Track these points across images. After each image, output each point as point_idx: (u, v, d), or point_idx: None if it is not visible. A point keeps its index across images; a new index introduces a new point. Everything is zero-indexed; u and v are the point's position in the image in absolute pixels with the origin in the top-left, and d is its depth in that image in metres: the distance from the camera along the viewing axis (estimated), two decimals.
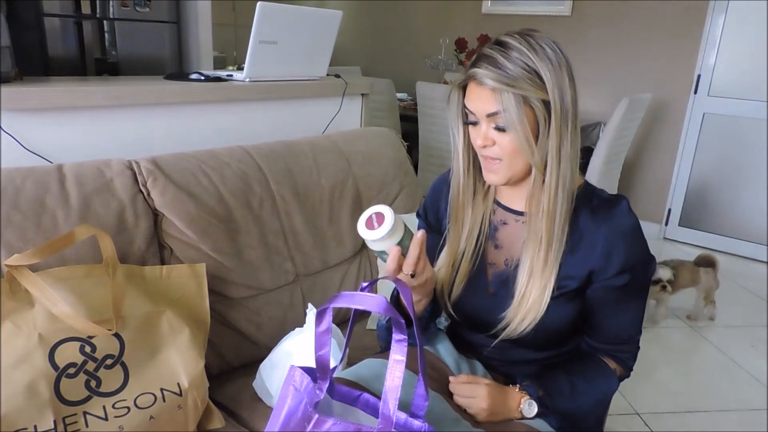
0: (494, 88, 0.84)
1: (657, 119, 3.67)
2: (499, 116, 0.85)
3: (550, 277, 0.90)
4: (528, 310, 0.91)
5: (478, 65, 0.86)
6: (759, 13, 3.23)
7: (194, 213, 1.22)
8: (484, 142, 0.88)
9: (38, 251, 0.93)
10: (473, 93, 0.88)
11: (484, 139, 0.88)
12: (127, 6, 2.88)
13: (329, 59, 1.94)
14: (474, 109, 0.88)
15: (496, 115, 0.85)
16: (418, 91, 3.24)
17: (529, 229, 0.92)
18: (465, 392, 0.95)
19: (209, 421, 1.06)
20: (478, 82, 0.86)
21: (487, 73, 0.84)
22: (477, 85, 0.86)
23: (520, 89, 0.83)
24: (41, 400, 0.86)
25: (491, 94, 0.85)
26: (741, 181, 3.47)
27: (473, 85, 0.88)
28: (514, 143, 0.86)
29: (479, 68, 0.85)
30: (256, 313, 1.32)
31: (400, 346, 0.73)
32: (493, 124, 0.87)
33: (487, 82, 0.84)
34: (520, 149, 0.86)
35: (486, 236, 0.99)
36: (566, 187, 0.88)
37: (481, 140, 0.88)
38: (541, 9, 3.97)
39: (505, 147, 0.87)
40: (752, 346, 2.46)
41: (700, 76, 3.49)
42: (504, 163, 0.89)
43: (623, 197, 0.94)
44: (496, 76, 0.83)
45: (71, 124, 1.37)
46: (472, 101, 0.88)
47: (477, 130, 0.89)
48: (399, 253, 0.82)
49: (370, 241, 0.83)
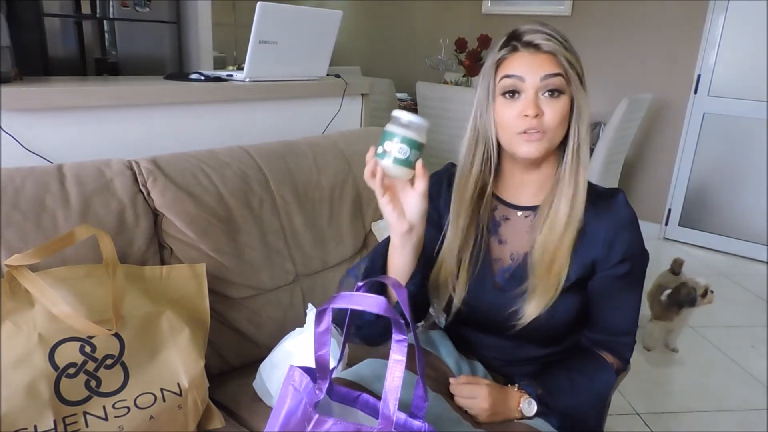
0: (553, 51, 0.85)
1: (657, 119, 3.67)
2: (556, 80, 0.85)
3: (567, 261, 0.91)
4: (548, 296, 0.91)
5: (527, 36, 0.87)
6: (759, 13, 3.24)
7: (194, 213, 1.22)
8: (536, 110, 0.86)
9: (38, 251, 0.93)
10: (523, 60, 0.87)
11: (536, 107, 0.86)
12: (127, 6, 2.88)
13: (329, 59, 1.94)
14: (526, 75, 0.86)
15: (554, 78, 0.86)
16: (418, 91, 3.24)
17: (550, 213, 0.91)
18: (466, 393, 0.95)
19: (209, 421, 1.06)
20: (532, 49, 0.86)
21: (545, 37, 0.86)
22: (531, 52, 0.87)
23: (571, 56, 0.87)
24: (41, 400, 0.86)
25: (550, 58, 0.86)
26: (741, 181, 3.47)
27: (523, 54, 0.87)
28: (564, 111, 0.87)
29: (531, 37, 0.86)
30: (256, 313, 1.32)
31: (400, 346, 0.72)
32: (547, 89, 0.86)
33: (545, 44, 0.85)
34: (565, 118, 0.87)
35: (488, 231, 0.99)
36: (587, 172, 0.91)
37: (532, 109, 0.86)
38: (541, 9, 3.97)
39: (555, 115, 0.86)
40: (752, 346, 2.46)
41: (700, 76, 3.49)
42: (548, 135, 0.88)
43: (620, 190, 0.96)
44: (553, 40, 0.86)
45: (71, 124, 1.37)
46: (524, 67, 0.87)
47: (521, 102, 0.87)
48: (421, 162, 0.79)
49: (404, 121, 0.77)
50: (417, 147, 0.77)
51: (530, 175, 0.95)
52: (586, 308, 0.99)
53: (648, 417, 1.93)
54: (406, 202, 0.82)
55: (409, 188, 0.81)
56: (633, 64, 3.69)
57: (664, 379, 2.20)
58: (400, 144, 0.76)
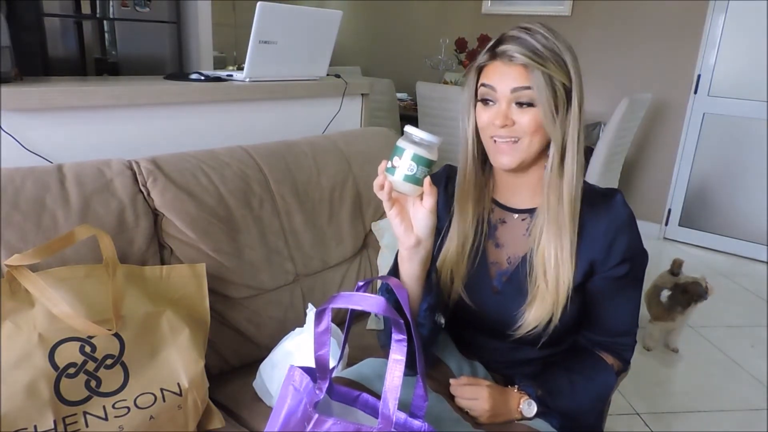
0: (525, 65, 0.84)
1: (657, 119, 3.67)
2: (526, 93, 0.85)
3: (571, 266, 0.90)
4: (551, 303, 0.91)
5: (504, 44, 0.86)
6: (759, 13, 3.23)
7: (194, 213, 1.22)
8: (504, 121, 0.87)
9: (38, 251, 0.93)
10: (498, 69, 0.88)
11: (504, 118, 0.87)
12: (127, 6, 2.88)
13: (329, 59, 1.94)
14: (498, 85, 0.87)
15: (524, 91, 0.86)
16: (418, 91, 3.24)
17: (548, 219, 0.91)
18: (467, 394, 0.95)
19: (209, 421, 1.06)
20: (506, 59, 0.86)
21: (518, 49, 0.85)
22: (505, 63, 0.87)
23: (547, 68, 0.84)
24: (41, 400, 0.85)
25: (521, 71, 0.85)
26: (741, 181, 3.47)
27: (498, 64, 0.88)
28: (537, 121, 0.86)
29: (507, 46, 0.86)
30: (256, 313, 1.32)
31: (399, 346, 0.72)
32: (516, 101, 0.86)
33: (519, 57, 0.85)
34: (540, 127, 0.87)
35: (485, 235, 0.99)
36: (582, 175, 0.90)
37: (500, 119, 0.87)
38: (541, 9, 3.97)
39: (525, 125, 0.87)
40: (752, 346, 2.46)
41: (700, 76, 3.49)
42: (522, 143, 0.88)
43: (617, 190, 0.96)
44: (527, 53, 0.85)
45: (71, 124, 1.37)
46: (496, 77, 0.88)
47: (494, 110, 0.88)
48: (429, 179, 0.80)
49: (415, 138, 0.78)
50: (426, 164, 0.78)
51: (519, 178, 0.96)
52: (585, 309, 0.99)
53: (648, 417, 1.93)
54: (415, 216, 0.83)
55: (418, 203, 0.82)
56: (633, 64, 3.68)
57: (664, 379, 2.20)
58: (409, 161, 0.77)
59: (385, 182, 0.79)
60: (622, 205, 0.94)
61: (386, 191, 0.80)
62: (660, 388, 2.13)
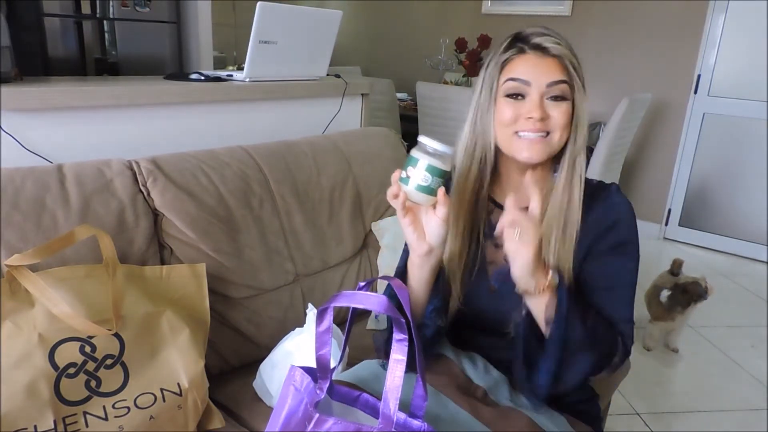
0: (560, 55, 0.85)
1: (657, 119, 3.67)
2: (561, 86, 0.86)
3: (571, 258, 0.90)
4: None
5: (534, 38, 0.87)
6: (759, 13, 3.24)
7: (194, 213, 1.22)
8: (542, 114, 0.86)
9: (38, 251, 0.93)
10: (529, 63, 0.87)
11: (542, 111, 0.86)
12: (127, 6, 2.88)
13: (329, 59, 1.94)
14: (533, 79, 0.86)
15: (560, 85, 0.86)
16: (418, 91, 3.24)
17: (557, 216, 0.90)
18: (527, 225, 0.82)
19: (209, 421, 1.06)
20: (539, 53, 0.86)
21: (552, 40, 0.85)
22: (536, 55, 0.87)
23: (576, 62, 0.87)
24: (41, 400, 0.85)
25: (556, 63, 0.86)
26: (741, 181, 3.47)
27: (530, 56, 0.87)
28: (568, 115, 0.87)
29: (538, 39, 0.86)
30: (256, 313, 1.32)
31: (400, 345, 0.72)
32: (551, 95, 0.86)
33: (554, 48, 0.85)
34: (570, 122, 0.87)
35: (484, 235, 0.99)
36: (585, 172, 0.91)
37: (538, 112, 0.86)
38: (541, 9, 3.97)
39: (559, 119, 0.87)
40: (752, 346, 2.46)
41: (700, 76, 3.49)
42: (552, 137, 0.88)
43: (612, 183, 0.96)
44: (560, 45, 0.86)
45: (71, 124, 1.37)
46: (530, 70, 0.87)
47: (526, 104, 0.87)
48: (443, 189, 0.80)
49: (429, 148, 0.78)
50: (440, 175, 0.79)
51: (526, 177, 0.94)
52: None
53: (648, 417, 1.93)
54: (428, 225, 0.84)
55: (431, 212, 0.83)
56: (633, 64, 3.69)
57: (664, 379, 2.20)
58: (424, 171, 0.78)
59: (400, 192, 0.80)
60: (617, 193, 0.94)
61: (400, 201, 0.81)
62: (660, 388, 2.13)
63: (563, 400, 1.03)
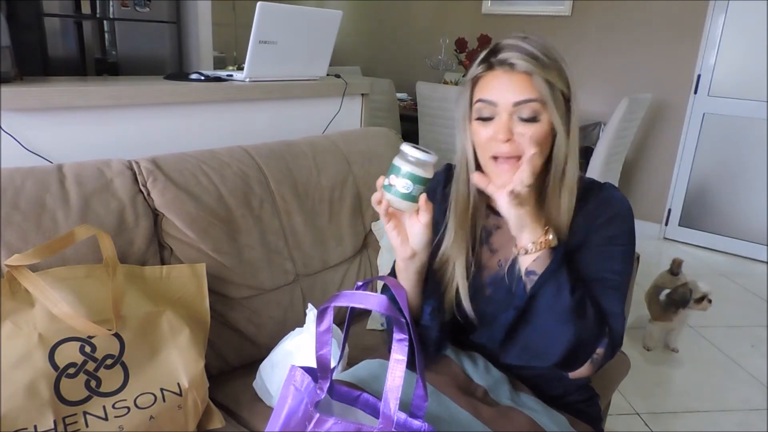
0: (528, 72, 0.80)
1: (657, 119, 3.67)
2: (530, 106, 0.82)
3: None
4: None
5: (502, 53, 0.82)
6: (759, 13, 3.24)
7: (194, 213, 1.22)
8: (507, 135, 0.82)
9: (38, 251, 0.93)
10: (497, 81, 0.83)
11: (507, 131, 0.82)
12: (127, 6, 2.88)
13: (329, 59, 1.94)
14: (499, 99, 0.83)
15: (528, 104, 0.82)
16: (418, 91, 3.24)
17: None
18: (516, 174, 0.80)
19: (209, 421, 1.06)
20: (505, 69, 0.82)
21: (519, 56, 0.81)
22: (504, 72, 0.82)
23: (550, 76, 0.81)
24: (41, 400, 0.85)
25: (523, 80, 0.81)
26: (741, 181, 3.47)
27: (497, 73, 0.83)
28: (541, 135, 0.83)
29: (506, 54, 0.82)
30: (256, 313, 1.32)
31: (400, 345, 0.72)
32: (519, 116, 0.82)
33: (521, 64, 0.80)
34: (544, 141, 0.84)
35: (481, 241, 0.98)
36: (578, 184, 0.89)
37: (503, 133, 0.82)
38: (541, 9, 3.97)
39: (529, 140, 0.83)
40: (752, 346, 2.46)
41: (700, 76, 3.49)
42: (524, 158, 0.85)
43: (606, 182, 0.95)
44: (529, 59, 0.80)
45: (71, 124, 1.37)
46: (494, 90, 0.83)
47: (494, 125, 0.84)
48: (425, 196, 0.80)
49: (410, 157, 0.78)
50: (421, 182, 0.80)
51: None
52: None
53: (648, 417, 1.93)
54: (411, 231, 0.85)
55: (414, 218, 0.83)
56: (633, 64, 3.69)
57: (664, 379, 2.20)
58: (405, 179, 0.79)
59: (383, 198, 0.81)
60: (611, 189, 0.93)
61: (383, 207, 0.82)
62: (660, 388, 2.13)
63: (563, 400, 1.03)
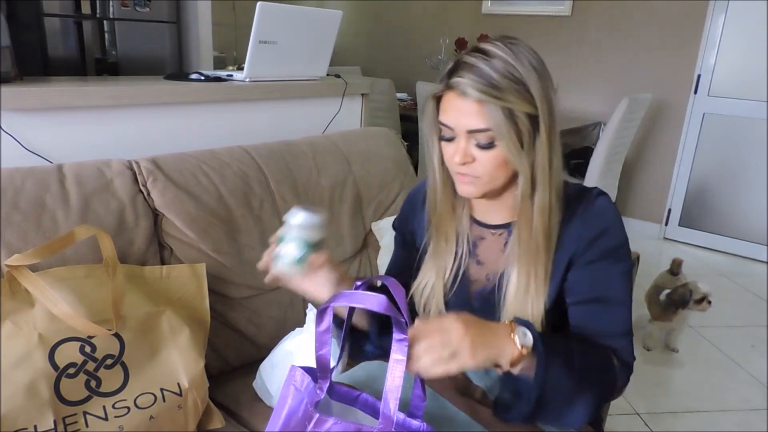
0: (480, 100, 0.76)
1: (657, 119, 3.67)
2: (484, 135, 0.78)
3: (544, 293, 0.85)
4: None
5: (459, 74, 0.78)
6: (759, 13, 3.24)
7: (194, 213, 1.22)
8: (464, 159, 0.81)
9: (38, 251, 0.93)
10: (452, 105, 0.80)
11: (464, 155, 0.81)
12: (127, 6, 2.88)
13: (329, 59, 1.94)
14: (454, 124, 0.80)
15: (482, 133, 0.78)
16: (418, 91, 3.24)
17: (519, 244, 0.85)
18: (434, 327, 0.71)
19: (209, 421, 1.06)
20: (459, 93, 0.78)
21: (471, 83, 0.76)
22: (458, 96, 0.78)
23: (507, 102, 0.76)
24: (41, 400, 0.86)
25: (475, 108, 0.77)
26: (741, 181, 3.47)
27: (452, 96, 0.79)
28: (498, 160, 0.80)
29: (460, 77, 0.77)
30: (256, 313, 1.32)
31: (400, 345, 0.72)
32: (475, 141, 0.80)
33: (472, 92, 0.76)
34: (503, 163, 0.81)
35: (467, 253, 0.95)
36: (559, 199, 0.84)
37: (459, 157, 0.81)
38: (541, 9, 3.97)
39: (486, 165, 0.81)
40: (752, 346, 2.46)
41: (700, 76, 3.49)
42: (482, 180, 0.83)
43: (594, 187, 0.89)
44: (481, 86, 0.76)
45: (71, 124, 1.37)
46: (450, 115, 0.80)
47: (454, 146, 0.82)
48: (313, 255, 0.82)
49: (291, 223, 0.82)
50: (313, 245, 0.82)
51: (493, 202, 0.91)
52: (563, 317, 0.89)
53: (648, 417, 1.93)
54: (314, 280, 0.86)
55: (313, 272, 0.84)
56: (633, 64, 3.68)
57: (664, 379, 2.20)
58: (295, 247, 0.82)
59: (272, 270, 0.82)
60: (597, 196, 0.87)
61: (274, 279, 0.84)
62: (660, 388, 2.13)
63: None
